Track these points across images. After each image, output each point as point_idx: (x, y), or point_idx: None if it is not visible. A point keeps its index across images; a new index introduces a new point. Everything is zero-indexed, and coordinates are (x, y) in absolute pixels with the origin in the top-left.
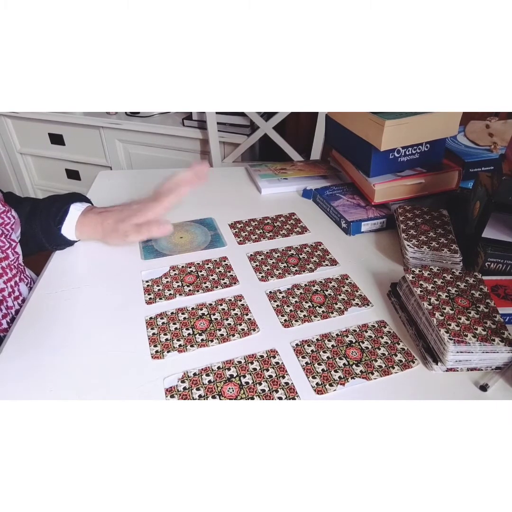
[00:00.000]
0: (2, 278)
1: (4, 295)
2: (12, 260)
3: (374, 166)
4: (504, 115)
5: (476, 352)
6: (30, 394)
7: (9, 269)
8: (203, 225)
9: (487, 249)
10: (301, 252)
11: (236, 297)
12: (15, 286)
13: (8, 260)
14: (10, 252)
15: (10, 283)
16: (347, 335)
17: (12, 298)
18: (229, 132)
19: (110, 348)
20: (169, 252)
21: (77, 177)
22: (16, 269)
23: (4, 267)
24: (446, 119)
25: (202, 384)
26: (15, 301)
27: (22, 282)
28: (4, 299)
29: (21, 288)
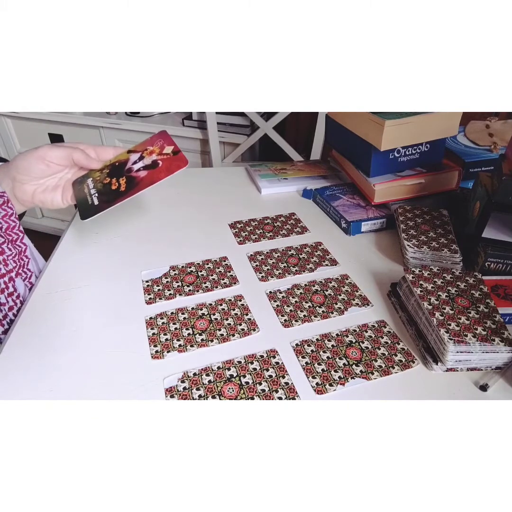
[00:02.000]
0: None
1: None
2: (8, 254)
3: (374, 166)
4: (504, 115)
5: (476, 352)
6: (30, 394)
7: (4, 264)
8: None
9: (487, 249)
10: (301, 252)
11: (236, 297)
12: (9, 282)
13: (4, 255)
14: (6, 247)
15: (4, 279)
16: (347, 335)
17: (6, 295)
18: (229, 132)
19: (110, 348)
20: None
21: None
22: (15, 263)
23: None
24: (446, 119)
25: (202, 384)
26: (9, 298)
27: (18, 277)
28: None
29: (16, 284)
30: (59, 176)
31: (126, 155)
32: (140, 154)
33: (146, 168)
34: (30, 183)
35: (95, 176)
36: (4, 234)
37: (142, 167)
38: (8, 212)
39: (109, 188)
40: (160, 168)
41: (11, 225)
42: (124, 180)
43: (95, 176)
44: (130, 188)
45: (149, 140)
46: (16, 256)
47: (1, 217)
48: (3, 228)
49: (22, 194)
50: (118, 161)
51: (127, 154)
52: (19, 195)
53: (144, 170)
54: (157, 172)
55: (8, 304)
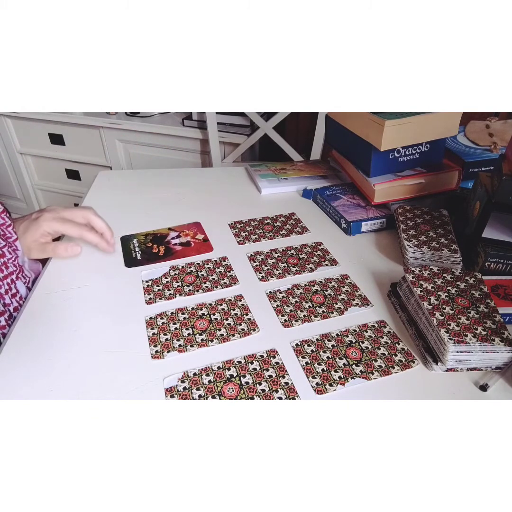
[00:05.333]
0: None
1: (1, 292)
2: (9, 258)
3: (374, 166)
4: (504, 115)
5: (476, 352)
6: (30, 394)
7: (5, 267)
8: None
9: (487, 249)
10: (301, 252)
11: (236, 297)
12: (11, 284)
13: (5, 258)
14: (7, 250)
15: (7, 281)
16: (347, 335)
17: (10, 296)
18: (229, 132)
19: (110, 348)
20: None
21: (77, 177)
22: (14, 267)
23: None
24: (446, 119)
25: (202, 384)
26: (13, 299)
27: (19, 280)
28: (1, 296)
29: (18, 286)
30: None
31: (167, 231)
32: (178, 233)
33: (181, 244)
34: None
35: (140, 238)
36: (2, 239)
37: (178, 243)
38: (6, 222)
39: (150, 250)
40: (192, 248)
41: (6, 234)
42: (163, 248)
43: (140, 238)
44: (166, 255)
45: (186, 225)
46: (15, 261)
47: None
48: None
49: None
50: (160, 233)
51: (168, 230)
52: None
53: (179, 245)
54: (189, 250)
55: (13, 305)
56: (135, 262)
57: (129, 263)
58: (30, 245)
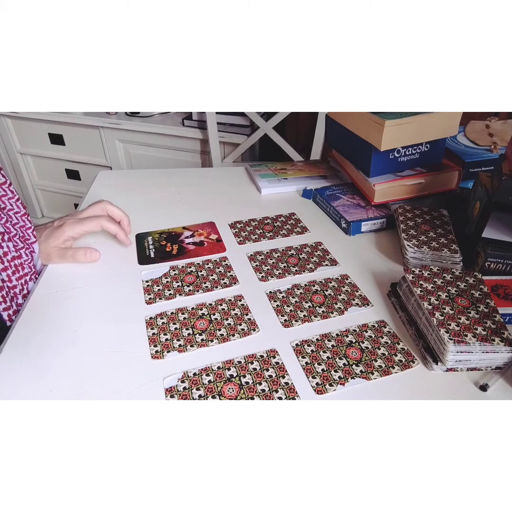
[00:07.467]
0: (14, 275)
1: (16, 292)
2: (25, 260)
3: (374, 166)
4: (504, 115)
5: (476, 352)
6: (30, 394)
7: (21, 268)
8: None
9: (487, 249)
10: (301, 252)
11: (236, 297)
12: (25, 284)
13: (21, 259)
14: (24, 252)
15: (21, 281)
16: (347, 335)
17: (22, 296)
18: (229, 132)
19: (110, 348)
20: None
21: (77, 177)
22: (29, 268)
23: (16, 265)
24: (446, 119)
25: (202, 384)
26: (24, 299)
27: (31, 282)
28: (15, 296)
29: (30, 287)
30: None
31: (181, 229)
32: (192, 233)
33: (195, 244)
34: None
35: (154, 236)
36: (20, 241)
37: (191, 242)
38: (27, 224)
39: (164, 249)
40: (205, 247)
41: (26, 236)
42: (177, 247)
43: (154, 236)
44: (179, 254)
45: (201, 225)
46: (31, 262)
47: (20, 227)
48: (19, 235)
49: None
50: (174, 232)
51: (182, 229)
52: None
53: (192, 245)
54: (202, 250)
55: (24, 305)
56: (148, 260)
57: (141, 260)
58: (50, 250)
